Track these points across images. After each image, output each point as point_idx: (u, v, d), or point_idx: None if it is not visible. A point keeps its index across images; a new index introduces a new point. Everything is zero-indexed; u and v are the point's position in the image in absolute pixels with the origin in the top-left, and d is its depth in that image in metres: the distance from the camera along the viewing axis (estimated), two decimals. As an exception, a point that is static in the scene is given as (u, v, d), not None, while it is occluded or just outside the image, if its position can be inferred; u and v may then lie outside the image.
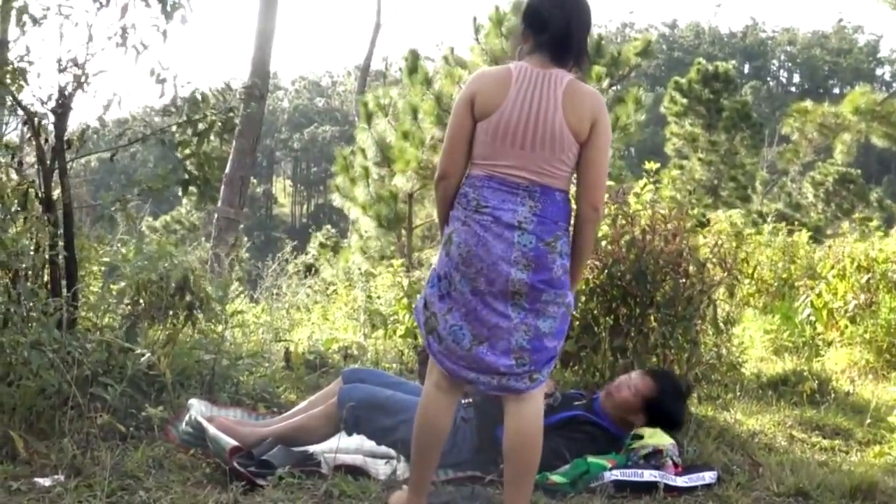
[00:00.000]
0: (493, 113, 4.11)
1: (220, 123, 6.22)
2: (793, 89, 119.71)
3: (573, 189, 4.30)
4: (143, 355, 5.28)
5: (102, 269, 6.99)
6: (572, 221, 4.24)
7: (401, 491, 4.41)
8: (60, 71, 5.67)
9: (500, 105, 4.11)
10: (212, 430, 4.94)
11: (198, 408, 5.38)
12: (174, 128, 6.22)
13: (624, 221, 6.38)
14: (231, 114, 6.27)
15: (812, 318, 10.00)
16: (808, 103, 40.47)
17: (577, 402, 5.40)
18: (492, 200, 4.08)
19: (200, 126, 6.17)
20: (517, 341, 4.10)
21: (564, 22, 4.24)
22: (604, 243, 6.39)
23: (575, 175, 4.26)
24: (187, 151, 6.24)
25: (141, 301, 6.20)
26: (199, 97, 6.11)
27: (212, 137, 6.24)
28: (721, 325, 6.61)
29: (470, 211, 4.11)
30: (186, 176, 6.31)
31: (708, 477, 5.01)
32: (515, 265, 4.04)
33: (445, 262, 4.16)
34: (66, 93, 5.70)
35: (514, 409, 4.20)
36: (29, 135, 5.85)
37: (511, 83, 4.15)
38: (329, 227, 45.64)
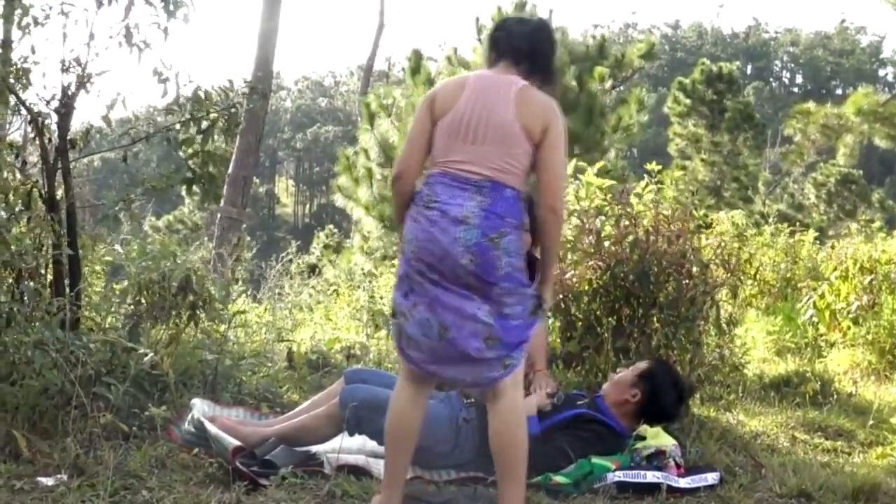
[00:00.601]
0: (448, 111, 4.30)
1: (223, 120, 6.22)
2: (795, 90, 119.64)
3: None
4: (145, 355, 5.29)
5: (105, 268, 7.00)
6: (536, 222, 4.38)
7: (379, 496, 4.40)
8: (64, 71, 5.68)
9: (456, 103, 4.30)
10: (214, 429, 4.94)
11: (200, 407, 5.38)
12: (178, 126, 6.23)
13: (627, 222, 6.38)
14: (234, 110, 6.27)
15: (814, 320, 9.99)
16: (811, 104, 40.49)
17: (579, 402, 5.40)
18: (442, 195, 4.21)
19: (204, 124, 6.17)
20: (484, 321, 4.16)
21: (525, 34, 4.55)
22: (607, 244, 6.40)
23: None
24: (191, 150, 6.25)
25: (144, 301, 6.20)
26: (202, 95, 6.12)
27: (216, 135, 6.25)
28: (724, 326, 6.61)
29: (421, 207, 4.24)
30: (190, 174, 6.31)
31: (710, 478, 5.01)
32: (462, 258, 4.13)
33: (403, 261, 4.29)
34: (70, 92, 5.71)
35: (493, 408, 4.30)
36: (32, 134, 5.86)
37: (467, 85, 4.35)
38: (331, 227, 45.66)
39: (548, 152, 4.29)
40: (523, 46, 4.50)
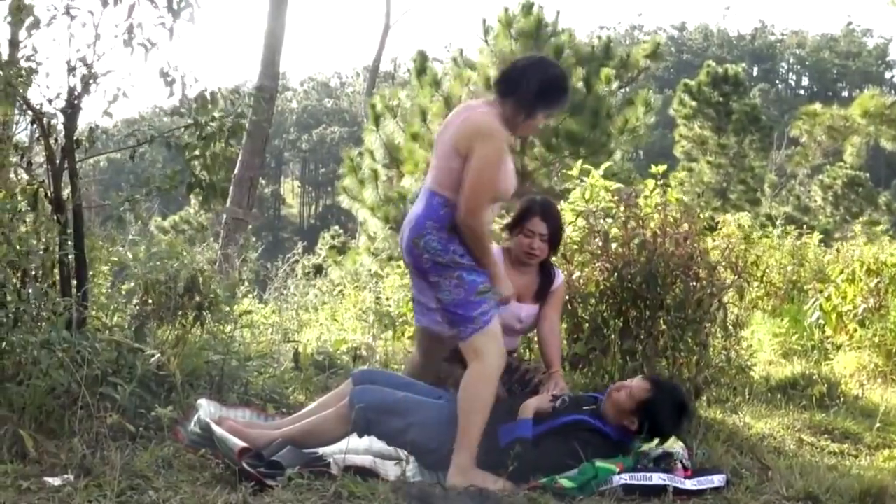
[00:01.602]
0: None
1: (227, 127, 6.22)
2: (802, 92, 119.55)
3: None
4: (152, 355, 5.29)
5: (112, 269, 7.01)
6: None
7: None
8: (69, 71, 5.68)
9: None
10: (220, 431, 4.94)
11: (206, 408, 5.37)
12: (182, 130, 6.22)
13: (635, 224, 6.36)
14: (239, 119, 6.26)
15: (821, 322, 9.97)
16: (817, 106, 40.49)
17: (586, 407, 5.37)
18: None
19: (208, 129, 6.17)
20: (429, 306, 5.46)
21: (517, 72, 5.44)
22: (614, 245, 6.39)
23: None
24: (194, 154, 6.24)
25: (150, 301, 6.21)
26: (207, 97, 6.11)
27: (219, 141, 6.24)
28: (730, 328, 6.60)
29: None
30: (193, 178, 6.31)
31: (717, 480, 4.99)
32: (405, 255, 5.45)
33: None
34: (76, 93, 5.71)
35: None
36: (38, 135, 5.86)
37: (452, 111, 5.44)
38: (337, 227, 45.68)
39: (468, 167, 5.12)
40: (507, 82, 5.42)
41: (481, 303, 5.23)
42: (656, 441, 5.13)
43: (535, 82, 5.34)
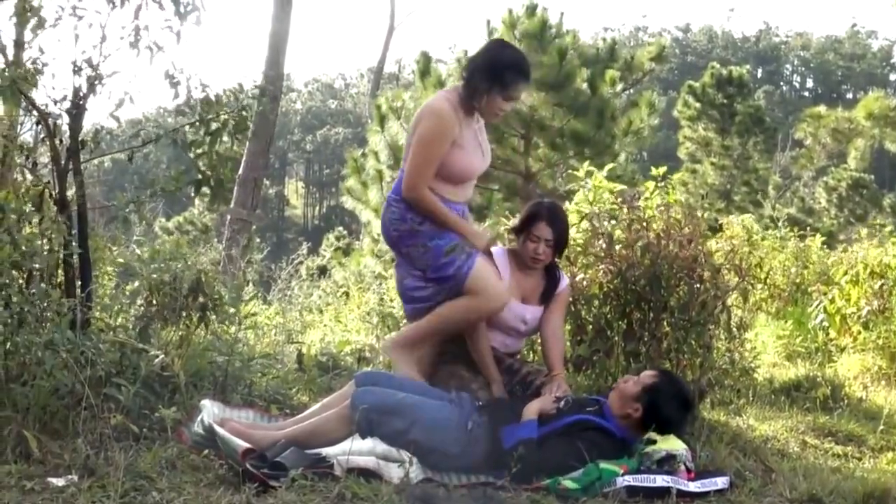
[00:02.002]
0: None
1: (232, 122, 6.23)
2: (806, 94, 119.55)
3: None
4: (156, 356, 5.30)
5: (116, 269, 7.01)
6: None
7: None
8: (75, 72, 5.69)
9: None
10: (223, 432, 4.94)
11: (210, 409, 5.38)
12: (187, 128, 6.24)
13: (639, 226, 6.36)
14: (244, 113, 6.27)
15: (825, 324, 9.95)
16: (822, 108, 40.52)
17: (588, 408, 5.37)
18: None
19: (213, 126, 6.18)
20: (421, 274, 5.86)
21: (474, 56, 6.05)
22: (618, 247, 6.38)
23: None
24: (199, 151, 6.25)
25: (154, 302, 6.21)
26: (212, 98, 6.12)
27: (224, 138, 6.26)
28: (734, 330, 6.60)
29: None
30: (199, 176, 6.32)
31: (720, 482, 4.99)
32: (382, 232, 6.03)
33: None
34: (81, 93, 5.72)
35: None
36: (43, 135, 5.87)
37: None
38: (341, 229, 45.66)
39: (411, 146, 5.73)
40: (466, 66, 5.95)
41: (454, 260, 5.69)
42: (659, 440, 5.12)
43: (487, 64, 5.75)
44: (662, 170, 6.93)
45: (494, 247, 6.03)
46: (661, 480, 4.83)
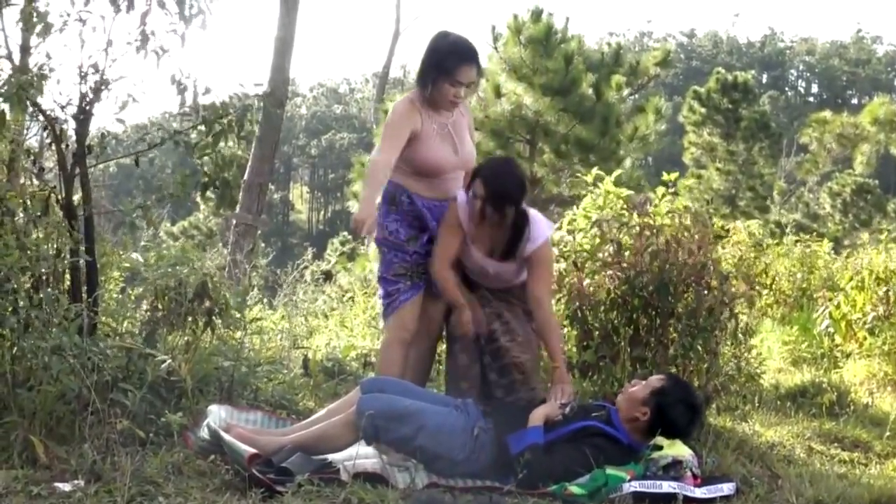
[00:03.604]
0: None
1: (236, 124, 6.23)
2: (811, 99, 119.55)
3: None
4: (162, 361, 5.29)
5: (122, 274, 7.02)
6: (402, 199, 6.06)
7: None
8: (81, 77, 5.70)
9: None
10: (228, 438, 4.94)
11: (217, 414, 5.39)
12: (191, 131, 6.24)
13: (648, 233, 6.35)
14: (247, 114, 6.28)
15: (830, 330, 9.95)
16: (827, 113, 40.49)
17: (594, 414, 5.36)
18: None
19: (217, 127, 6.18)
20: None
21: None
22: (627, 253, 6.37)
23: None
24: (204, 153, 6.26)
25: (160, 307, 6.21)
26: (218, 105, 6.13)
27: (229, 139, 6.26)
28: (740, 336, 6.59)
29: None
30: (205, 179, 6.33)
31: (726, 488, 4.98)
32: None
33: None
34: (87, 99, 5.72)
35: None
36: (49, 140, 5.88)
37: None
38: (346, 233, 45.63)
39: None
40: None
41: (397, 283, 6.08)
42: (665, 446, 5.11)
43: (429, 53, 6.00)
44: (674, 175, 6.92)
45: (460, 192, 6.00)
46: (667, 486, 4.82)
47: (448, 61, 5.90)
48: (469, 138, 6.20)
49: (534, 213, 5.97)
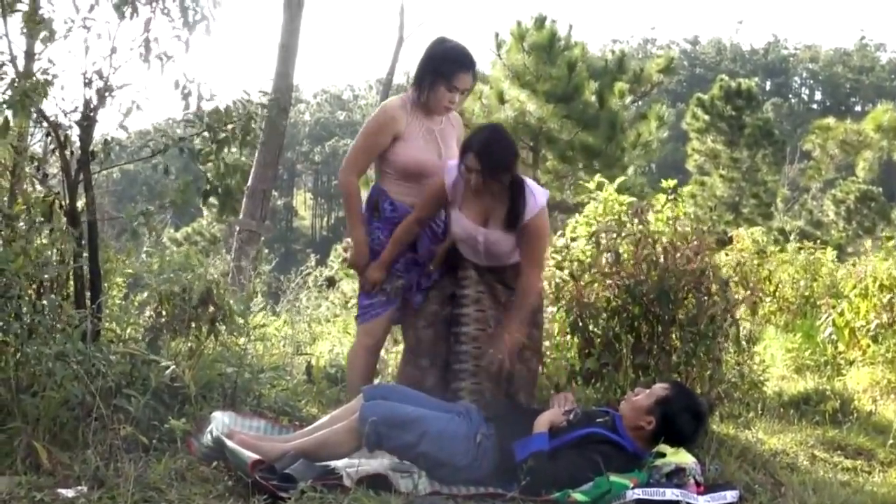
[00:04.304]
0: None
1: (240, 131, 6.24)
2: (814, 107, 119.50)
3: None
4: (166, 367, 5.30)
5: (126, 280, 7.03)
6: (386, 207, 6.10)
7: None
8: (86, 83, 5.71)
9: None
10: (231, 445, 4.94)
11: (220, 420, 5.38)
12: (195, 138, 6.25)
13: (646, 242, 6.34)
14: (251, 120, 6.29)
15: (834, 337, 9.93)
16: (830, 121, 40.51)
17: (599, 420, 5.36)
18: None
19: (221, 135, 6.19)
20: None
21: None
22: (625, 262, 6.37)
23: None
24: (208, 161, 6.27)
25: (164, 313, 6.22)
26: (222, 111, 6.14)
27: (233, 146, 6.27)
28: (743, 343, 6.59)
29: None
30: (208, 186, 6.34)
31: (730, 496, 4.97)
32: None
33: None
34: (91, 105, 5.73)
35: None
36: (53, 146, 5.88)
37: None
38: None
39: None
40: None
41: (375, 296, 6.08)
42: (669, 454, 5.11)
43: (427, 58, 6.02)
44: (672, 182, 6.92)
45: (451, 161, 5.96)
46: (670, 494, 4.81)
47: (445, 67, 5.93)
48: (456, 148, 6.12)
49: (528, 182, 5.91)
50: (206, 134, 6.19)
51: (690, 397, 5.42)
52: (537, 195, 5.80)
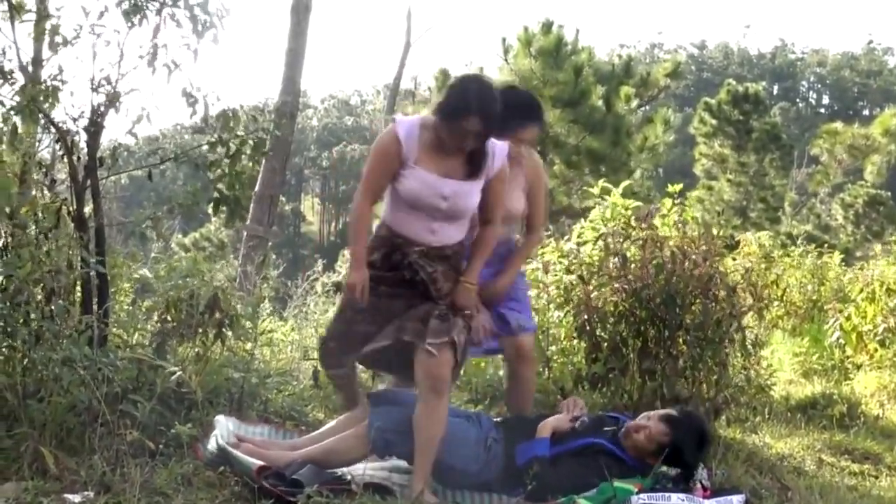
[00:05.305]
0: None
1: (251, 143, 6.26)
2: (822, 111, 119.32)
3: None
4: (172, 373, 5.30)
5: (133, 286, 7.04)
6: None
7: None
8: (93, 89, 5.72)
9: None
10: (235, 453, 4.94)
11: (224, 424, 5.39)
12: (205, 147, 6.27)
13: (653, 246, 6.34)
14: (263, 134, 6.30)
15: (841, 341, 9.93)
16: (838, 125, 40.47)
17: (606, 428, 5.32)
18: None
19: (232, 146, 6.21)
20: None
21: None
22: (633, 266, 6.37)
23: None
24: (219, 171, 6.28)
25: (171, 319, 6.22)
26: (230, 115, 6.15)
27: (244, 160, 6.29)
28: (750, 347, 6.58)
29: None
30: (217, 195, 6.35)
31: (736, 500, 4.96)
32: None
33: None
34: (99, 111, 5.75)
35: None
36: (61, 152, 5.90)
37: None
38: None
39: None
40: None
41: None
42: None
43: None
44: (678, 187, 6.92)
45: (403, 119, 5.39)
46: (676, 499, 4.81)
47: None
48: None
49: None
50: (219, 149, 6.21)
51: (690, 429, 5.24)
52: (499, 145, 5.33)
